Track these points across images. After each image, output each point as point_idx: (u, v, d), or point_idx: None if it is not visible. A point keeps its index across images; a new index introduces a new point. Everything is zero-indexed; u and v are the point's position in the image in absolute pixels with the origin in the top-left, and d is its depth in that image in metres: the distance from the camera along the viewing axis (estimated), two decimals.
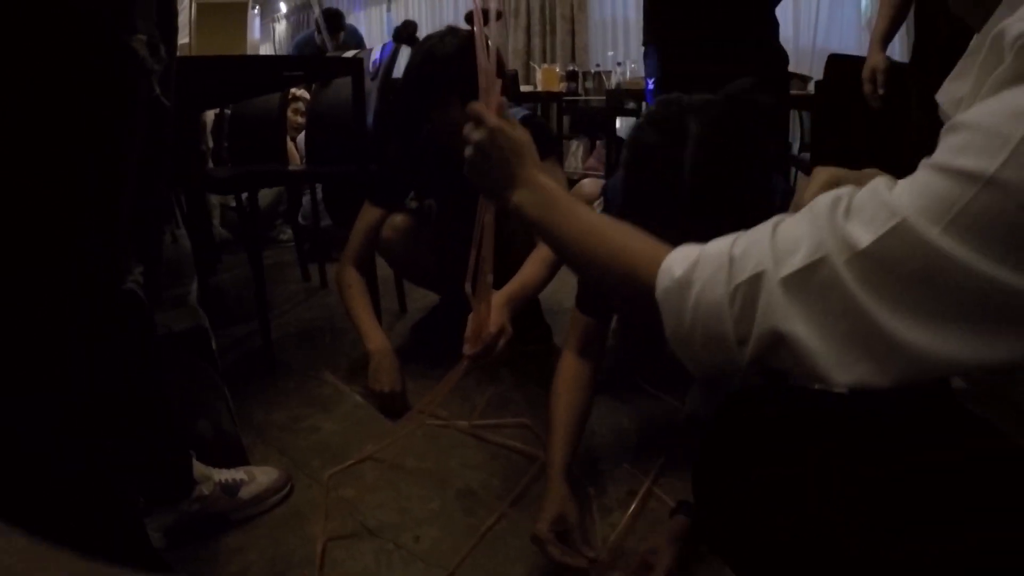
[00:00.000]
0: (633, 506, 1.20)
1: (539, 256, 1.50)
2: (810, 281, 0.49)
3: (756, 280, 0.52)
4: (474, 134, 0.76)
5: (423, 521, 1.20)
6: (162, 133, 0.87)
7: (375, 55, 2.45)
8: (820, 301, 0.49)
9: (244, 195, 2.07)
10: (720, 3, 1.81)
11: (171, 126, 0.90)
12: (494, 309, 1.30)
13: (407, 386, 1.61)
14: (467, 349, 1.19)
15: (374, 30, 7.11)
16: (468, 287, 0.99)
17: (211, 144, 2.98)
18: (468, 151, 0.77)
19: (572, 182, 3.23)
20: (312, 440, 1.47)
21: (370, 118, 2.28)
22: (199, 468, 1.11)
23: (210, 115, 2.98)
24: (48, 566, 0.31)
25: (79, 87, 0.67)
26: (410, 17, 6.89)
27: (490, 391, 1.65)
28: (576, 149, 4.04)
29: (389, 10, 7.11)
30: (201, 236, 2.15)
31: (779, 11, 1.95)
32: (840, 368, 0.48)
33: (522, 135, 0.76)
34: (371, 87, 2.31)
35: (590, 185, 1.48)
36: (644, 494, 1.24)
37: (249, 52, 2.12)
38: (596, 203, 1.21)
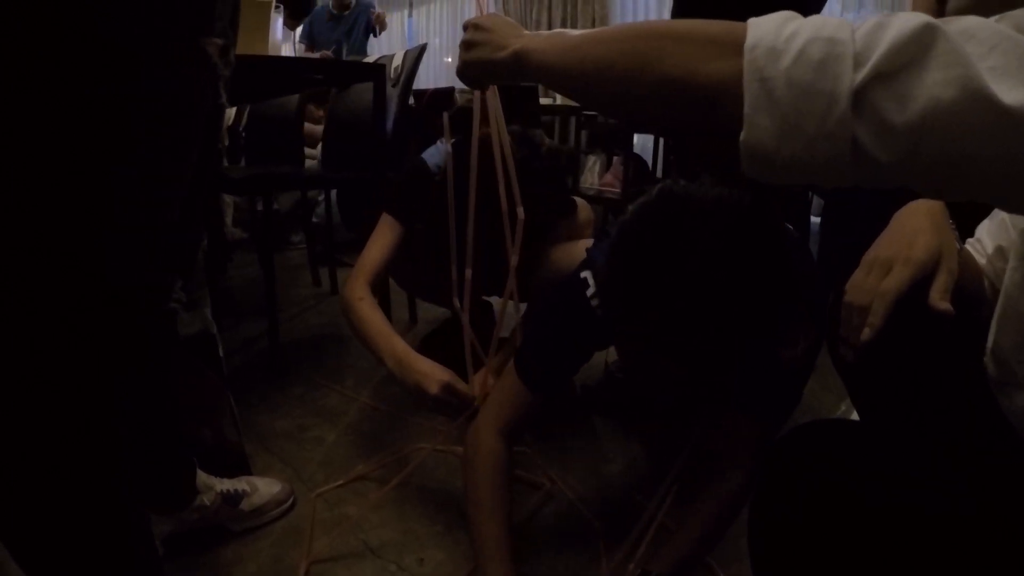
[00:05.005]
0: (644, 537, 1.17)
1: None
2: (954, 25, 0.42)
3: (887, 18, 0.43)
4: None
5: (427, 542, 1.17)
6: (216, 139, 0.85)
7: (396, 60, 2.43)
8: (967, 39, 0.41)
9: (259, 197, 2.04)
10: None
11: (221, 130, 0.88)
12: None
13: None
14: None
15: (395, 35, 7.12)
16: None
17: (226, 142, 2.97)
18: (464, 36, 0.77)
19: (588, 197, 3.20)
20: (317, 452, 1.44)
21: (390, 124, 2.26)
22: (201, 477, 1.08)
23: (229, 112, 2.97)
24: None
25: (147, 91, 0.64)
26: (431, 22, 6.90)
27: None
28: (593, 164, 4.00)
29: (411, 15, 7.12)
30: (212, 236, 2.12)
31: None
32: (1010, 86, 0.39)
33: None
34: (392, 93, 2.29)
35: (562, 254, 1.39)
36: (654, 527, 1.21)
37: (270, 52, 2.10)
38: (584, 274, 1.06)
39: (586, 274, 1.07)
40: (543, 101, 4.19)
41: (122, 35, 0.63)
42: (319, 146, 3.05)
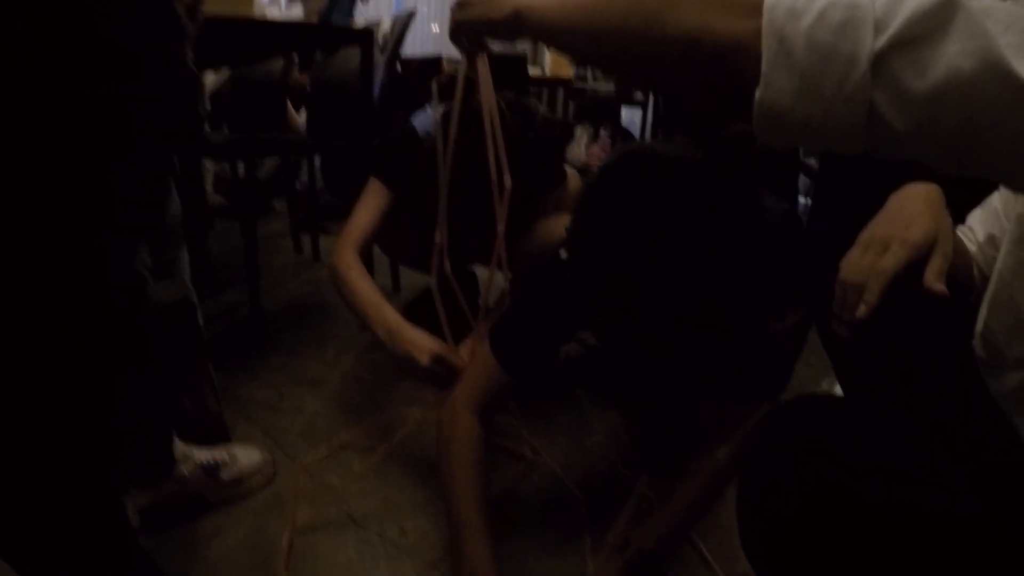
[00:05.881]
0: (628, 511, 1.17)
1: None
2: (972, 2, 0.41)
3: None
4: None
5: (409, 513, 1.16)
6: (186, 100, 0.82)
7: (385, 26, 2.38)
8: (985, 16, 0.40)
9: (241, 163, 2.00)
10: None
11: (195, 92, 0.85)
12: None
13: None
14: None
15: (382, 1, 6.98)
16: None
17: (209, 107, 2.91)
18: None
19: (576, 169, 3.18)
20: (297, 421, 1.43)
21: (377, 91, 2.22)
22: (180, 447, 1.06)
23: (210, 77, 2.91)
24: None
25: (104, 47, 0.62)
26: None
27: None
28: (580, 137, 3.98)
29: None
30: (193, 201, 2.08)
31: None
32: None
33: None
34: (379, 59, 2.24)
35: (548, 228, 1.36)
36: (638, 499, 1.21)
37: (256, 15, 2.05)
38: (563, 252, 1.06)
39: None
40: (532, 72, 4.14)
41: (122, 35, 0.61)
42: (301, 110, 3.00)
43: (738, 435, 1.00)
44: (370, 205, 1.42)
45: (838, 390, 1.45)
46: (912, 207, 0.71)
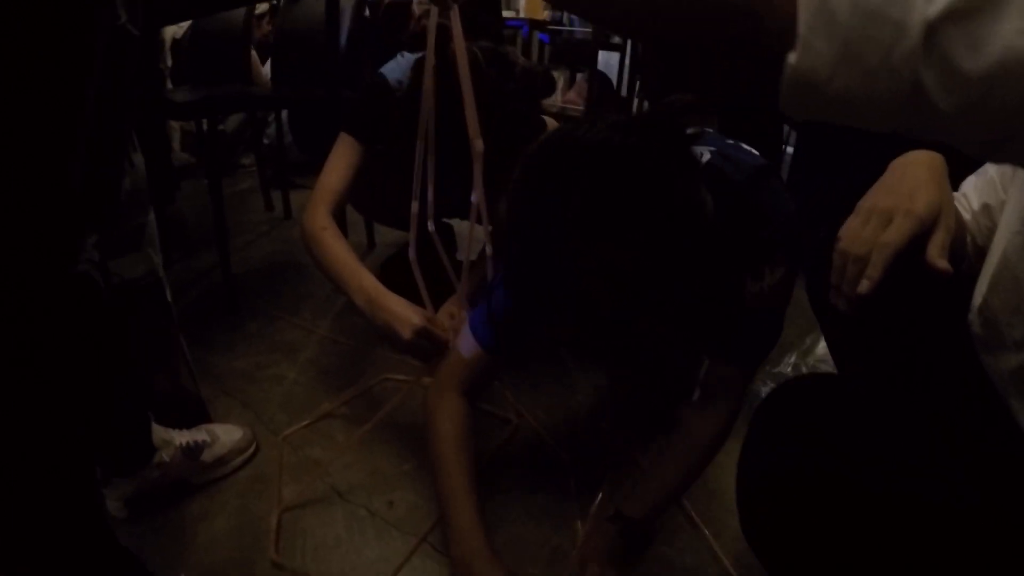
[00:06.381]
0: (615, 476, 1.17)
1: None
2: None
3: None
4: None
5: (397, 484, 1.15)
6: (126, 67, 0.75)
7: None
8: None
9: (205, 121, 1.91)
10: None
11: (137, 57, 0.77)
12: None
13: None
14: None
15: None
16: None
17: (170, 63, 2.78)
18: None
19: (550, 115, 3.11)
20: (276, 391, 1.40)
21: (344, 39, 2.13)
22: (158, 433, 1.03)
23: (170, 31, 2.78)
24: None
25: (18, 15, 0.56)
26: None
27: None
28: (556, 81, 3.89)
29: None
30: (158, 163, 2.00)
31: None
32: None
33: None
34: (346, 4, 2.14)
35: None
36: (627, 464, 1.21)
37: None
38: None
39: None
40: (506, 14, 4.02)
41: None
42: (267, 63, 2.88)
43: (728, 399, 0.99)
44: (341, 162, 1.34)
45: (822, 346, 1.45)
46: (916, 175, 0.68)
